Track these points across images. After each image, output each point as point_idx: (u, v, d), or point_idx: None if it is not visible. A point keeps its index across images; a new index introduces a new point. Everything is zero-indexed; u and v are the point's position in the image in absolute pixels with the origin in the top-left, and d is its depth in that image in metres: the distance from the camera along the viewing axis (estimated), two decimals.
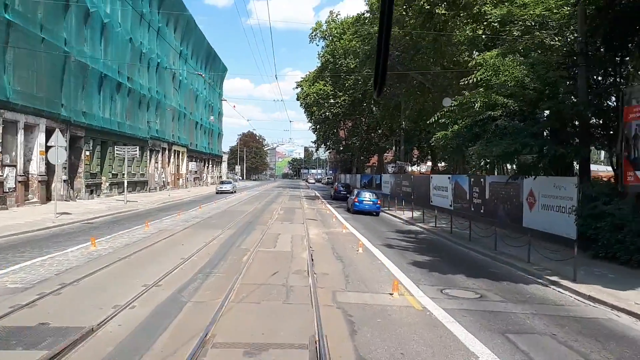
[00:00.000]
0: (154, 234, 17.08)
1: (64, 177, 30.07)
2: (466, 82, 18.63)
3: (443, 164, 54.34)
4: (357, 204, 29.74)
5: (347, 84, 59.80)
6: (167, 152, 51.60)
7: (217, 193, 47.18)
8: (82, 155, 33.01)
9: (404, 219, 27.04)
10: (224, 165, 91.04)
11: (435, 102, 37.80)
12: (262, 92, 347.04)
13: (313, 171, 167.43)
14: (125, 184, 32.46)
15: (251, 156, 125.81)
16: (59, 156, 21.60)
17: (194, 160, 63.85)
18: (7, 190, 24.35)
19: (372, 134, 74.94)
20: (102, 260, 11.91)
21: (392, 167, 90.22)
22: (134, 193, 41.69)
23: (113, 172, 38.45)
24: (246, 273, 10.93)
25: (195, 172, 65.25)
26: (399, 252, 15.18)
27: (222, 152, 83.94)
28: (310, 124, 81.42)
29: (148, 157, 46.15)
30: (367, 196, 30.44)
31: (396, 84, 39.63)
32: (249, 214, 25.34)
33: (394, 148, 54.25)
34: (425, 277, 11.50)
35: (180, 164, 57.21)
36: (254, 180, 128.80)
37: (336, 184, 60.01)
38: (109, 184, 37.06)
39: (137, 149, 32.59)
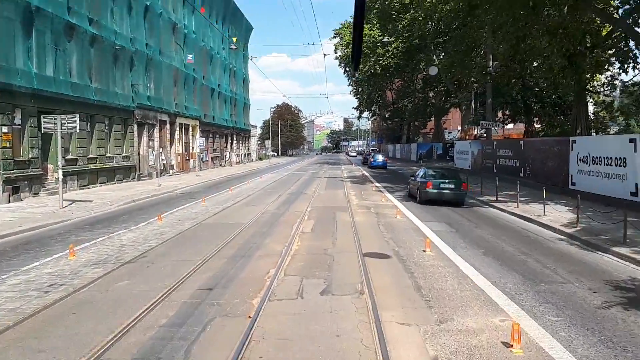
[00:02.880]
0: None
1: None
2: None
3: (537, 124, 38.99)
4: (373, 162, 45.69)
5: (400, 26, 44.76)
6: (167, 125, 38.58)
7: None
8: None
9: (556, 227, 12.90)
10: (253, 140, 77.85)
11: (562, 26, 22.76)
12: (299, 66, 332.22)
13: (354, 143, 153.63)
14: (60, 175, 19.48)
15: (286, 130, 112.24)
16: None
17: (211, 135, 50.87)
18: None
19: (429, 92, 59.85)
20: None
21: (458, 131, 74.74)
22: (111, 184, 28.93)
23: (70, 156, 25.70)
24: None
25: (214, 149, 52.40)
26: None
27: (249, 126, 70.69)
28: (350, 87, 67.23)
29: (135, 133, 33.18)
30: (380, 157, 47.57)
31: (484, 4, 24.87)
32: (240, 235, 11.72)
33: (472, 104, 38.90)
34: None
35: (191, 140, 44.29)
36: (290, 156, 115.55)
37: (365, 154, 67.97)
38: (60, 175, 24.17)
39: (77, 119, 19.29)
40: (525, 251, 10.62)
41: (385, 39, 39.93)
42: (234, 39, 45.56)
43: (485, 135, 36.61)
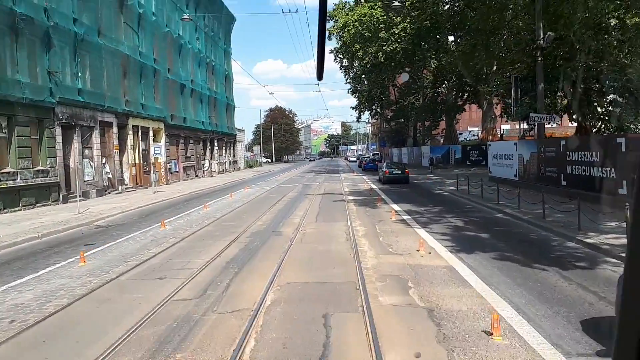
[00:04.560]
0: None
1: None
2: None
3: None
4: (365, 165, 50.45)
5: (407, 3, 35.61)
6: (113, 128, 29.23)
7: None
8: None
9: None
10: (240, 146, 68.33)
11: None
12: (295, 72, 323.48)
13: (353, 147, 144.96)
14: None
15: (280, 134, 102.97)
16: None
17: (182, 141, 41.55)
18: None
19: (440, 86, 50.84)
20: None
21: (469, 132, 65.84)
22: (11, 212, 19.44)
23: None
24: None
25: (188, 157, 43.04)
26: None
27: (235, 130, 61.37)
28: (348, 84, 58.03)
29: (59, 139, 23.88)
30: (370, 162, 51.08)
31: None
32: None
33: (512, 92, 29.01)
34: None
35: (152, 148, 34.97)
36: (285, 162, 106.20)
37: (364, 158, 67.65)
38: None
39: None
40: None
41: (396, 3, 30.57)
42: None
43: (531, 133, 27.32)
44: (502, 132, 40.85)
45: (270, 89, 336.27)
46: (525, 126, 29.59)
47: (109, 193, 28.14)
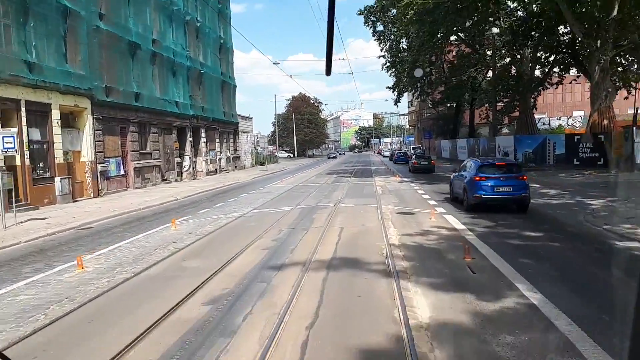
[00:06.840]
0: None
1: None
2: None
3: None
4: (397, 158, 48.28)
5: None
6: None
7: None
8: None
9: None
10: (246, 138, 53.31)
11: None
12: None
13: (386, 140, 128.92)
14: None
15: (304, 126, 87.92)
16: None
17: (133, 128, 27.06)
18: None
19: (518, 54, 34.77)
20: None
21: (540, 119, 50.17)
22: None
23: None
24: None
25: (146, 153, 28.48)
26: None
27: (237, 117, 46.63)
28: (383, 58, 42.54)
29: None
30: (402, 155, 47.91)
31: None
32: None
33: None
34: None
35: (67, 139, 20.66)
36: (309, 157, 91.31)
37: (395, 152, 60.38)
38: None
39: None
40: None
41: None
42: None
43: None
44: (636, 112, 24.62)
45: (300, 82, 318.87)
46: None
47: None
